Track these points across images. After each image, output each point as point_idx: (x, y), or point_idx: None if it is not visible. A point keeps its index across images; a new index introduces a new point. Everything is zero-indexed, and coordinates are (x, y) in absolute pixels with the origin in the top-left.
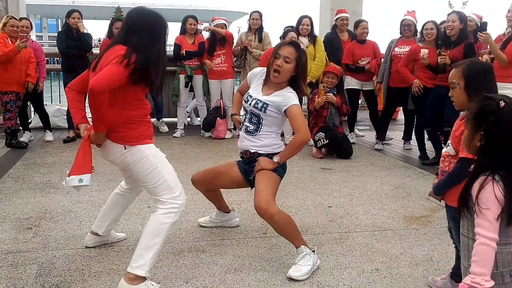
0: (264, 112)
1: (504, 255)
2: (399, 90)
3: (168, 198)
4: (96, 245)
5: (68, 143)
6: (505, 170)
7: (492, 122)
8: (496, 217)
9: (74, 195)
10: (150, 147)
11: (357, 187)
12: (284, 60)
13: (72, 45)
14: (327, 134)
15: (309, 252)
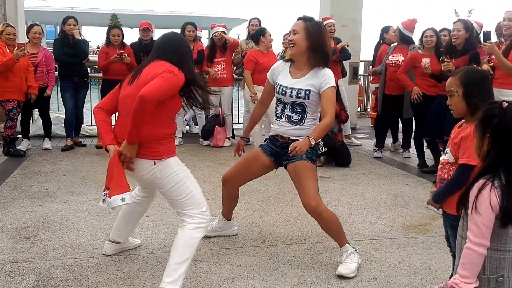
0: (309, 99)
1: (493, 261)
2: (394, 97)
3: (196, 213)
4: (115, 252)
5: (66, 152)
6: (506, 174)
7: (497, 123)
8: (485, 224)
9: (72, 205)
10: (178, 162)
11: (356, 196)
12: (293, 33)
13: (68, 52)
14: (326, 142)
15: (353, 250)
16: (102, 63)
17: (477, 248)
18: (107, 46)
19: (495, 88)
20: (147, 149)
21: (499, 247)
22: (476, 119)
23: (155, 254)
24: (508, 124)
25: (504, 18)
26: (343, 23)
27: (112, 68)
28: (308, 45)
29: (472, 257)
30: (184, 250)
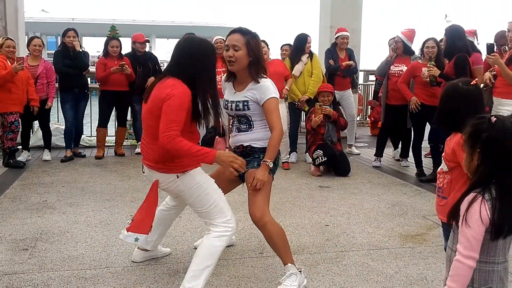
0: (249, 109)
1: (482, 273)
2: (397, 107)
3: (221, 222)
4: (143, 260)
5: (65, 163)
6: (498, 186)
7: (486, 138)
8: (475, 237)
9: (71, 216)
10: (201, 173)
11: (354, 205)
12: (234, 49)
13: (68, 64)
14: (326, 151)
15: (296, 272)
16: (101, 74)
17: (466, 261)
18: (105, 57)
19: (495, 98)
20: (169, 164)
21: (488, 259)
22: (464, 134)
23: (153, 266)
24: (498, 139)
25: (509, 29)
26: None
27: (112, 79)
28: (249, 60)
29: (461, 270)
30: (205, 257)
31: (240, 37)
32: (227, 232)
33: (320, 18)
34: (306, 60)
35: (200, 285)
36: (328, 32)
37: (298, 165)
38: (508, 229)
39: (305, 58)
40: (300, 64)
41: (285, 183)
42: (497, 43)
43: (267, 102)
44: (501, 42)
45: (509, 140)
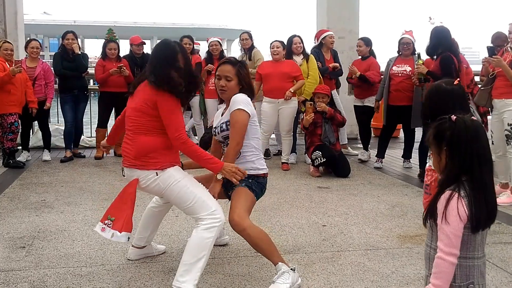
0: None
1: (463, 269)
2: (399, 108)
3: (206, 215)
4: (139, 257)
5: (65, 163)
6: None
7: (450, 136)
8: (455, 233)
9: (68, 215)
10: (179, 170)
11: (353, 206)
12: (226, 79)
13: (67, 66)
14: (324, 152)
15: (288, 270)
16: (100, 76)
17: (448, 258)
18: (103, 60)
19: (497, 99)
20: (149, 159)
21: (468, 254)
22: (428, 137)
23: (148, 264)
24: (461, 135)
25: (510, 31)
26: (340, 35)
27: (111, 80)
28: (239, 88)
29: (443, 266)
30: (195, 250)
31: (231, 68)
32: (215, 223)
33: (317, 20)
34: (301, 62)
35: (193, 279)
36: None
37: (297, 166)
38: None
39: (299, 59)
40: None
41: (283, 184)
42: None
43: (231, 114)
44: (497, 43)
45: (472, 136)
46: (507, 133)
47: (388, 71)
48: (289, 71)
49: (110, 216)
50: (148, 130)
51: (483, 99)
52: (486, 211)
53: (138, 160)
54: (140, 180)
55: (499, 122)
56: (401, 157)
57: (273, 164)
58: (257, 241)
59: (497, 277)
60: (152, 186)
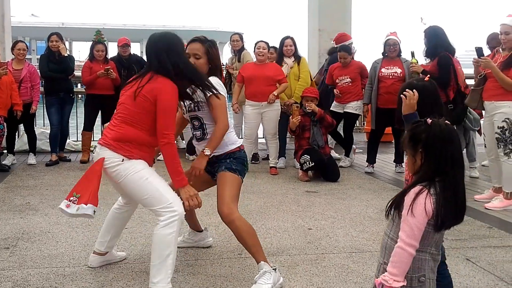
0: (199, 110)
1: (416, 261)
2: (390, 111)
3: (163, 208)
4: (100, 265)
5: (50, 167)
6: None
7: (425, 138)
8: (418, 226)
9: (53, 217)
10: (143, 163)
11: (341, 210)
12: (195, 57)
13: (54, 68)
14: (313, 156)
15: (270, 270)
16: (87, 78)
17: (408, 248)
18: (91, 61)
19: (487, 102)
20: (124, 145)
21: (423, 248)
22: (404, 139)
23: (130, 264)
24: (436, 138)
25: (501, 32)
26: (332, 37)
27: (98, 83)
28: (208, 67)
29: (402, 256)
30: (160, 248)
31: (200, 46)
32: (174, 217)
33: (308, 21)
34: (292, 64)
35: (165, 278)
36: (316, 35)
37: (286, 170)
38: (449, 222)
39: (291, 61)
40: (285, 67)
41: (271, 188)
42: (489, 45)
43: (211, 97)
44: (492, 44)
45: (446, 139)
46: (497, 136)
47: (376, 73)
48: (272, 75)
49: (76, 193)
50: (136, 122)
51: (474, 100)
52: (454, 212)
53: (114, 142)
54: (105, 160)
55: (490, 125)
56: (393, 162)
57: (262, 168)
58: (243, 234)
59: (484, 280)
60: (112, 170)
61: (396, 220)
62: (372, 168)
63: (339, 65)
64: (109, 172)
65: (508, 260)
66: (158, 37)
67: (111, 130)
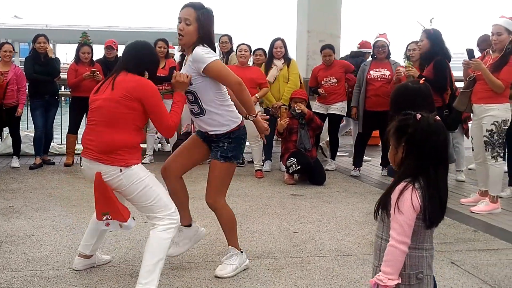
0: (191, 83)
1: (413, 259)
2: (378, 114)
3: (165, 215)
4: (84, 268)
5: (34, 170)
6: (424, 177)
7: (411, 133)
8: (407, 223)
9: (37, 220)
10: (143, 168)
11: (326, 213)
12: (185, 22)
13: (39, 70)
14: (299, 159)
15: (237, 252)
16: (73, 80)
17: (400, 246)
18: (77, 64)
19: (476, 104)
20: (115, 156)
21: (417, 245)
22: (390, 129)
23: (115, 267)
24: (422, 134)
25: (493, 33)
26: (321, 38)
27: (83, 85)
28: (198, 36)
29: (395, 254)
30: (156, 251)
31: (192, 11)
32: (173, 224)
33: (297, 23)
34: (282, 66)
35: (156, 279)
36: (305, 37)
37: (272, 173)
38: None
39: (280, 63)
40: (275, 69)
41: (256, 191)
42: (479, 48)
43: (208, 67)
44: (483, 46)
45: (433, 136)
46: (485, 139)
47: (365, 76)
48: (255, 78)
49: (104, 213)
50: (123, 124)
51: (463, 103)
52: (439, 208)
53: (105, 155)
54: (103, 175)
55: (478, 128)
56: (379, 165)
57: (247, 171)
58: (224, 221)
59: (468, 283)
60: (114, 181)
61: (385, 221)
62: (359, 172)
63: (322, 66)
64: (111, 183)
65: (492, 263)
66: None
67: (95, 139)
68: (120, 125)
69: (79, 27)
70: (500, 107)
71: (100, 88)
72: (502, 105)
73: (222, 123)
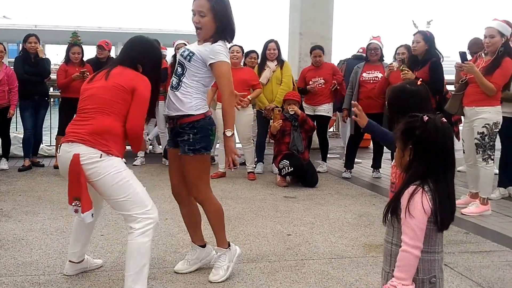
0: (189, 61)
1: (425, 263)
2: (369, 116)
3: (140, 214)
4: (76, 272)
5: (23, 172)
6: (433, 180)
7: (419, 135)
8: (419, 226)
9: (26, 224)
10: (122, 162)
11: (319, 216)
12: (199, 14)
13: (29, 71)
14: (292, 161)
15: (225, 251)
16: (62, 81)
17: (413, 250)
18: (66, 64)
19: (468, 107)
20: (100, 139)
21: (430, 249)
22: (397, 131)
23: (107, 272)
24: (430, 136)
25: (485, 35)
26: (313, 41)
27: (73, 86)
28: (216, 26)
29: (408, 259)
30: (138, 258)
31: (205, 2)
32: (149, 225)
33: (289, 25)
34: (275, 68)
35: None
36: (297, 39)
37: (264, 176)
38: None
39: (273, 65)
40: (268, 71)
41: (249, 193)
42: (470, 51)
43: (217, 65)
44: (474, 49)
45: (440, 138)
46: (476, 141)
47: (357, 78)
48: (248, 79)
49: (75, 197)
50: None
51: (454, 106)
52: (450, 210)
53: (89, 136)
54: (81, 157)
55: (469, 130)
56: (370, 167)
57: (240, 173)
58: (210, 215)
59: (462, 285)
60: (90, 167)
61: (396, 225)
62: (350, 174)
63: (311, 67)
64: (86, 168)
65: (485, 265)
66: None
67: (84, 125)
68: (111, 112)
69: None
70: (491, 109)
71: (94, 78)
72: (494, 108)
73: (188, 105)
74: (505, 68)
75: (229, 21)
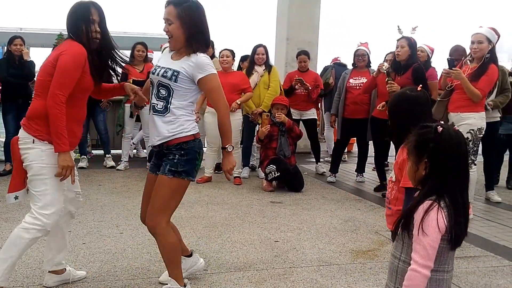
0: (175, 81)
1: (432, 282)
2: (355, 121)
3: (36, 211)
4: (56, 284)
5: (3, 177)
6: (449, 195)
7: (433, 148)
8: (432, 245)
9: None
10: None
11: (306, 221)
12: (167, 22)
13: (14, 73)
14: (279, 166)
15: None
16: None
17: (423, 270)
18: None
19: (453, 113)
20: (33, 124)
21: (439, 268)
22: (408, 144)
23: (89, 283)
24: (445, 147)
25: (473, 41)
26: (299, 46)
27: None
28: (184, 33)
29: (417, 279)
30: (8, 247)
31: (172, 9)
32: (37, 226)
33: (276, 31)
34: (263, 72)
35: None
36: (284, 44)
37: (250, 180)
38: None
39: (261, 70)
40: (256, 75)
41: (235, 199)
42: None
43: (206, 79)
44: (455, 56)
45: (456, 148)
46: None
47: (345, 84)
48: (238, 83)
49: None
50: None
51: (439, 112)
52: (465, 224)
53: (26, 120)
54: (19, 140)
55: None
56: (354, 171)
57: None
58: (164, 250)
59: None
60: (24, 152)
61: (406, 241)
62: (335, 178)
63: (297, 72)
64: (21, 153)
65: (471, 271)
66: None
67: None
68: (42, 92)
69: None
70: (476, 115)
71: None
72: (478, 114)
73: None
74: (490, 74)
75: (199, 28)
